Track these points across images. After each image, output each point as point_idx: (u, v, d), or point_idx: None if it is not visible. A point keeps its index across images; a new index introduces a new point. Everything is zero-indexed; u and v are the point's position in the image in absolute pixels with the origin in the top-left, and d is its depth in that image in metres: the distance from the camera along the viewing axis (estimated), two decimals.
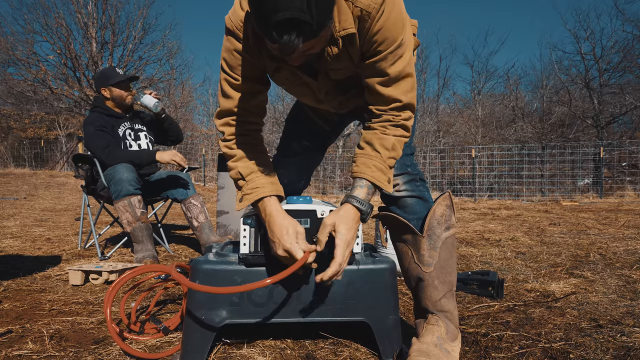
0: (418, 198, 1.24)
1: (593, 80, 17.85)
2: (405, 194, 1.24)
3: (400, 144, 1.15)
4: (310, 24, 0.88)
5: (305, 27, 0.89)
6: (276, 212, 1.14)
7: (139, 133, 3.04)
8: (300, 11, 0.86)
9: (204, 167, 13.39)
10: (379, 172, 1.12)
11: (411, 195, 1.24)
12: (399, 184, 1.25)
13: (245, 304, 1.22)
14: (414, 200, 1.24)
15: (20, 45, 15.54)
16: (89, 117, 2.89)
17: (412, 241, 1.23)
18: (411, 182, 1.25)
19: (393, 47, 1.05)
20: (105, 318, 1.19)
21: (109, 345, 1.34)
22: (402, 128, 1.14)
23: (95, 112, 2.91)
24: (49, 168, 14.89)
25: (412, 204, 1.24)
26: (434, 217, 1.22)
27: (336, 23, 1.03)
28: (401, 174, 1.25)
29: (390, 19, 1.02)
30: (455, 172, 14.01)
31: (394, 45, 1.05)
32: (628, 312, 1.67)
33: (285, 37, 0.89)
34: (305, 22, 0.88)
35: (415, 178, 1.26)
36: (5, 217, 4.88)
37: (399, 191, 1.25)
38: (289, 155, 1.56)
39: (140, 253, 2.61)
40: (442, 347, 1.16)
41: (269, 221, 1.14)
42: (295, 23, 0.87)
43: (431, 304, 1.22)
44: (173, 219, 5.11)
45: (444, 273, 1.22)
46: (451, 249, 1.24)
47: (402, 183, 1.25)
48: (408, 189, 1.24)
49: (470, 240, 3.67)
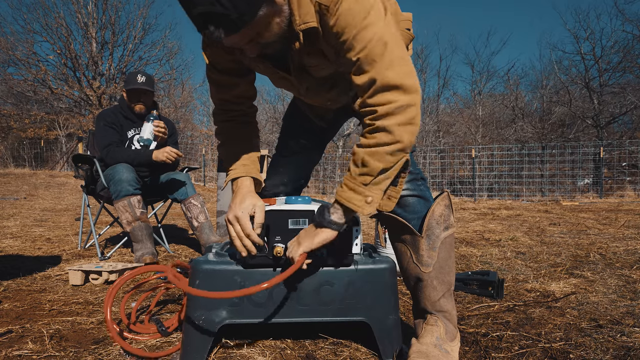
0: (419, 197, 1.23)
1: (593, 80, 17.85)
2: (407, 193, 1.22)
3: (376, 156, 1.02)
4: (227, 15, 0.90)
5: (223, 19, 0.91)
6: (243, 187, 1.24)
7: None
8: (211, 4, 0.88)
9: (204, 167, 13.39)
10: (349, 191, 1.07)
11: (412, 195, 1.22)
12: None
13: (246, 304, 1.22)
14: (415, 200, 1.22)
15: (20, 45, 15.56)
16: (104, 111, 2.93)
17: (410, 241, 1.23)
18: (412, 181, 1.23)
19: (356, 34, 1.00)
20: (105, 318, 1.19)
21: (109, 345, 1.34)
22: (382, 132, 1.01)
23: (112, 108, 2.96)
24: (49, 168, 14.89)
25: (413, 203, 1.22)
26: (432, 217, 1.21)
27: (296, 16, 1.04)
28: None
29: (351, 10, 0.99)
30: (455, 172, 14.00)
31: (357, 33, 1.00)
32: (628, 312, 1.67)
33: (206, 30, 0.93)
34: (221, 14, 0.90)
35: (417, 177, 1.24)
36: (5, 217, 4.88)
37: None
38: (287, 155, 1.56)
39: (140, 251, 2.61)
40: (442, 347, 1.16)
41: (234, 193, 1.23)
42: (210, 16, 0.91)
43: (430, 304, 1.22)
44: (173, 219, 5.11)
45: (442, 273, 1.21)
46: (450, 249, 1.23)
47: (404, 182, 1.21)
48: (409, 187, 1.22)
49: (470, 240, 3.67)
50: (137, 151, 2.90)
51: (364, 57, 1.00)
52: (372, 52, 0.99)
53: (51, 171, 13.36)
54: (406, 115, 1.00)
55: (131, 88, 2.86)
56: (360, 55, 1.01)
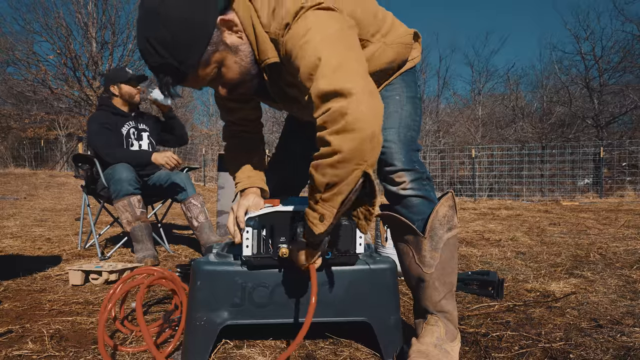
0: (424, 198, 1.20)
1: (593, 80, 17.84)
2: (411, 192, 1.19)
3: (318, 170, 0.94)
4: (169, 64, 0.99)
5: (167, 68, 1.00)
6: (244, 197, 1.33)
7: (142, 133, 3.05)
8: (151, 55, 1.00)
9: (204, 167, 13.39)
10: (308, 208, 1.02)
11: (417, 195, 1.20)
12: (405, 181, 1.19)
13: (247, 304, 1.22)
14: (420, 200, 1.20)
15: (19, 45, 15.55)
16: (93, 115, 2.95)
17: (413, 241, 1.21)
18: (418, 180, 1.20)
19: (297, 54, 0.97)
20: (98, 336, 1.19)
21: (109, 345, 1.34)
22: (321, 144, 0.93)
23: (100, 110, 2.96)
24: (49, 168, 14.89)
25: (417, 204, 1.20)
26: (436, 218, 1.19)
27: (256, 54, 1.09)
28: (408, 170, 1.19)
29: (293, 34, 0.98)
30: (455, 172, 14.00)
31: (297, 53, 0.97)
32: (628, 312, 1.67)
33: (159, 79, 1.03)
34: (164, 65, 1.00)
35: (422, 176, 1.21)
36: (5, 217, 4.88)
37: (405, 189, 1.20)
38: (285, 155, 1.59)
39: (141, 253, 2.61)
40: (442, 347, 1.16)
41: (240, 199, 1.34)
42: (157, 68, 1.01)
43: (431, 304, 1.22)
44: (173, 219, 5.11)
45: (444, 274, 1.20)
46: (453, 249, 1.22)
47: (409, 181, 1.19)
48: (414, 187, 1.19)
49: (470, 240, 3.67)
50: (136, 152, 2.91)
51: (302, 75, 0.96)
52: (307, 68, 0.95)
53: (51, 171, 13.36)
54: (341, 122, 0.88)
55: (129, 78, 2.93)
56: (300, 74, 0.97)
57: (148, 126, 3.11)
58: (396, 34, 1.25)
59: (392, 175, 1.19)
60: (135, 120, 3.04)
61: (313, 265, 1.11)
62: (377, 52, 1.21)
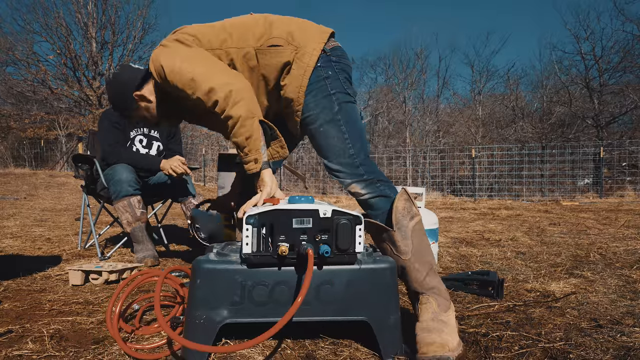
0: (380, 196, 1.43)
1: (593, 80, 17.83)
2: (369, 196, 1.43)
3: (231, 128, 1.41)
4: (118, 108, 1.75)
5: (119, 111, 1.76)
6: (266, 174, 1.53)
7: (153, 141, 3.02)
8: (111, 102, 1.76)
9: (204, 167, 13.40)
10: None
11: (373, 196, 1.43)
12: (359, 189, 1.44)
13: (246, 303, 1.22)
14: (378, 199, 1.43)
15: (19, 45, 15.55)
16: (109, 110, 2.89)
17: (388, 237, 1.39)
18: (370, 185, 1.43)
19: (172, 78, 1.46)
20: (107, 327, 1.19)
21: (109, 345, 1.34)
22: (228, 119, 1.41)
23: None
24: (49, 168, 14.89)
25: (377, 202, 1.44)
26: (397, 212, 1.38)
27: None
28: (358, 181, 1.43)
29: (161, 68, 1.47)
30: (455, 172, 13.99)
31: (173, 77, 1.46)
32: (628, 312, 1.67)
33: None
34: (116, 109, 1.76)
35: (373, 180, 1.43)
36: (5, 217, 4.88)
37: (363, 195, 1.44)
38: None
39: (141, 253, 2.61)
40: (438, 319, 1.30)
41: None
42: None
43: (418, 284, 1.37)
44: (173, 219, 5.11)
45: (421, 256, 1.37)
46: (421, 234, 1.40)
47: (361, 188, 1.43)
48: (369, 191, 1.43)
49: (470, 240, 3.67)
50: (141, 155, 2.89)
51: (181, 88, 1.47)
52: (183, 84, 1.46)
53: (51, 171, 13.36)
54: (228, 100, 1.39)
55: None
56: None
57: (160, 134, 3.07)
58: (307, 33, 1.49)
59: (349, 188, 1.45)
60: (148, 127, 2.99)
61: (311, 261, 1.14)
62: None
